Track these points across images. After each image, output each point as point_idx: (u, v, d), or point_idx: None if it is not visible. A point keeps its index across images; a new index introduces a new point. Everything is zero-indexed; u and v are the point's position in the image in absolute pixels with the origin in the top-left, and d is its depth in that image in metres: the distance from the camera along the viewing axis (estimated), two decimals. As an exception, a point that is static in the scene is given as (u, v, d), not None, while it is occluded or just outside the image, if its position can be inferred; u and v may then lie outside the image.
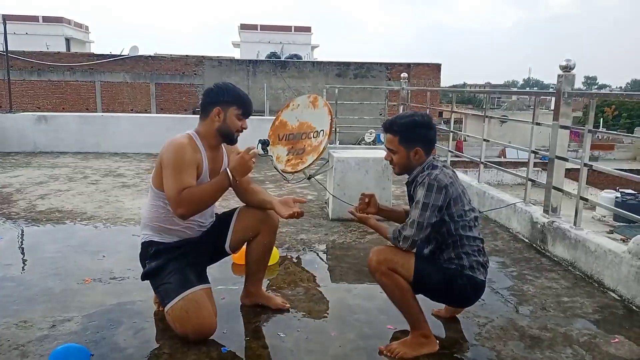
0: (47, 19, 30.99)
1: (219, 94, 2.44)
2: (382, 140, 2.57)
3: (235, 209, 2.71)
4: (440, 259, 2.35)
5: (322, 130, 4.66)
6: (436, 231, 2.30)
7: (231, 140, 2.51)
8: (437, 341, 2.35)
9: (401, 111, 8.92)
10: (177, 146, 2.35)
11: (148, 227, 2.51)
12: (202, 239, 2.58)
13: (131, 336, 2.42)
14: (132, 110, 21.48)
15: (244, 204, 2.70)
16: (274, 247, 3.36)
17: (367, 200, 2.55)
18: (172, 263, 2.42)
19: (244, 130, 2.50)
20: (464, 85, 78.67)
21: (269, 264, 2.86)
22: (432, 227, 2.25)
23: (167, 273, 2.39)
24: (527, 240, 4.08)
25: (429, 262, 2.35)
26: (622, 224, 16.53)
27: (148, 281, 2.52)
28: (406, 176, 2.47)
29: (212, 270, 2.99)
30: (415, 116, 2.37)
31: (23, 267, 3.38)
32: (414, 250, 2.33)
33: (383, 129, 2.45)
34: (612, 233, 15.28)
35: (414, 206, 2.27)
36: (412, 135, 2.35)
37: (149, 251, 2.48)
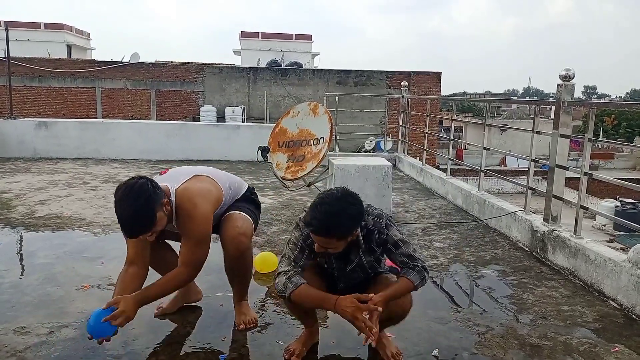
0: (49, 26, 31.02)
1: None
2: (382, 147, 2.55)
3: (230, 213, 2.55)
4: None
5: (322, 137, 4.67)
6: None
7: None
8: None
9: (401, 120, 8.90)
10: None
11: None
12: None
13: (129, 342, 2.41)
14: (132, 116, 21.43)
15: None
16: (273, 254, 3.36)
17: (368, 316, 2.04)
18: None
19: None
20: (464, 93, 78.82)
21: (266, 272, 2.84)
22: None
23: None
24: (527, 249, 4.07)
25: None
26: (622, 233, 16.55)
27: None
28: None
29: (210, 277, 3.01)
30: (347, 209, 2.02)
31: (21, 273, 3.37)
32: None
33: (315, 233, 2.04)
34: (612, 242, 15.29)
35: (401, 245, 2.17)
36: (352, 230, 2.09)
37: None
